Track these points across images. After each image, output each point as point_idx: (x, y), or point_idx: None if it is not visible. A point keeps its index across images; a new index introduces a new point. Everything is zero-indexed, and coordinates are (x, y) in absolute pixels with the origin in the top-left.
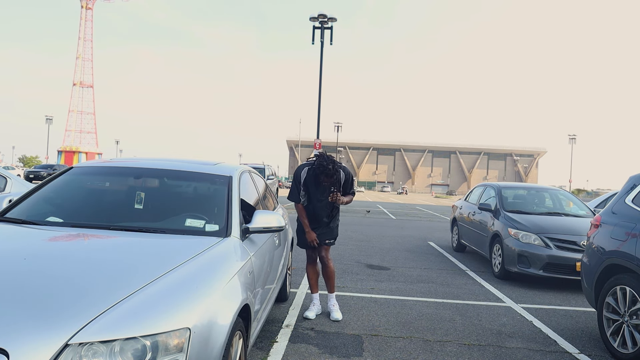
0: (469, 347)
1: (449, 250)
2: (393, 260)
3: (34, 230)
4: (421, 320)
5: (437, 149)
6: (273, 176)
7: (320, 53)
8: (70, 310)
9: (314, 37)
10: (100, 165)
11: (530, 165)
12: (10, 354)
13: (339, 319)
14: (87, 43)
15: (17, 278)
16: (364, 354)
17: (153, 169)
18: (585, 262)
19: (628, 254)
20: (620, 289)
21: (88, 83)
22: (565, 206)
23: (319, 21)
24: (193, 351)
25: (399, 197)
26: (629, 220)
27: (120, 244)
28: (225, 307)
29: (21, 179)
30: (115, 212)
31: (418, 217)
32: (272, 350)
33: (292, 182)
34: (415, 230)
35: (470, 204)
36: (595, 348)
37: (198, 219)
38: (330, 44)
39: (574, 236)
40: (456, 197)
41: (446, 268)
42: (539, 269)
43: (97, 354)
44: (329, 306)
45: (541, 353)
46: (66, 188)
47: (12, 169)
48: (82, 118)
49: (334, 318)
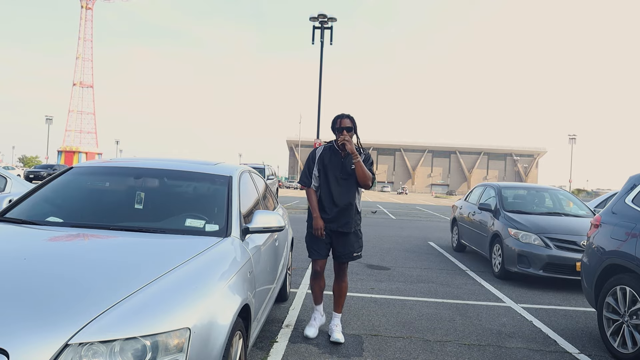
0: (469, 347)
1: (449, 250)
2: (393, 260)
3: (34, 230)
4: (421, 320)
5: (437, 149)
6: (273, 176)
7: (320, 53)
8: (70, 310)
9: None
10: (100, 165)
11: (530, 165)
12: (10, 354)
13: (340, 341)
14: (87, 43)
15: (17, 278)
16: (364, 354)
17: (153, 169)
18: (585, 262)
19: (628, 254)
20: (620, 289)
21: (88, 83)
22: (565, 206)
23: (319, 21)
24: (193, 351)
25: (399, 197)
26: (629, 220)
27: (120, 244)
28: (225, 307)
29: (21, 179)
30: (115, 212)
31: (418, 217)
32: (272, 350)
33: (305, 163)
34: (415, 230)
35: (470, 204)
36: (595, 348)
37: (198, 219)
38: (330, 43)
39: (574, 236)
40: (456, 197)
41: (446, 268)
42: (539, 269)
43: (97, 354)
44: (331, 325)
45: (541, 353)
46: (66, 188)
47: (12, 169)
48: (82, 118)
49: (335, 339)
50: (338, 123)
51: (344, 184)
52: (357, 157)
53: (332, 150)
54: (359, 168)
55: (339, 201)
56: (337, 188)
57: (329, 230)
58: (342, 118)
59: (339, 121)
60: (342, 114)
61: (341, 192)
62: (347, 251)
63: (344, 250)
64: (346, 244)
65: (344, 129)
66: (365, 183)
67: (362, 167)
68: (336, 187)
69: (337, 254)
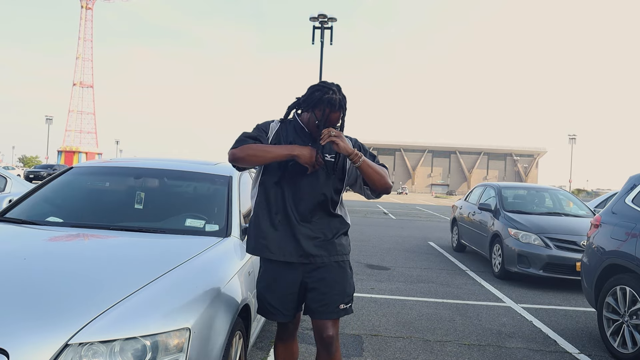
0: (469, 347)
1: (449, 250)
2: (393, 260)
3: (34, 230)
4: (421, 320)
5: (437, 149)
6: None
7: (320, 53)
8: (70, 310)
9: (314, 37)
10: (100, 165)
11: (530, 165)
12: (10, 354)
13: None
14: (87, 43)
15: (17, 278)
16: (364, 354)
17: (153, 169)
18: (585, 262)
19: (628, 254)
20: (620, 289)
21: (88, 83)
22: (565, 206)
23: (319, 21)
24: (193, 351)
25: (399, 197)
26: (629, 220)
27: (120, 244)
28: (226, 307)
29: (21, 179)
30: (115, 212)
31: (418, 217)
32: (272, 350)
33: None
34: (415, 230)
35: (470, 204)
36: (595, 348)
37: (198, 219)
38: (330, 44)
39: (574, 236)
40: (456, 197)
41: (446, 268)
42: (539, 269)
43: (97, 354)
44: None
45: (541, 353)
46: (66, 188)
47: (12, 169)
48: (82, 118)
49: None
50: (323, 112)
51: (319, 172)
52: (358, 154)
53: (300, 131)
54: (367, 168)
55: (309, 201)
56: (306, 179)
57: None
58: (332, 107)
59: (327, 111)
60: (329, 94)
61: (314, 185)
62: (329, 300)
63: (324, 299)
64: (328, 286)
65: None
66: (385, 185)
67: (370, 166)
68: (304, 177)
69: (313, 308)
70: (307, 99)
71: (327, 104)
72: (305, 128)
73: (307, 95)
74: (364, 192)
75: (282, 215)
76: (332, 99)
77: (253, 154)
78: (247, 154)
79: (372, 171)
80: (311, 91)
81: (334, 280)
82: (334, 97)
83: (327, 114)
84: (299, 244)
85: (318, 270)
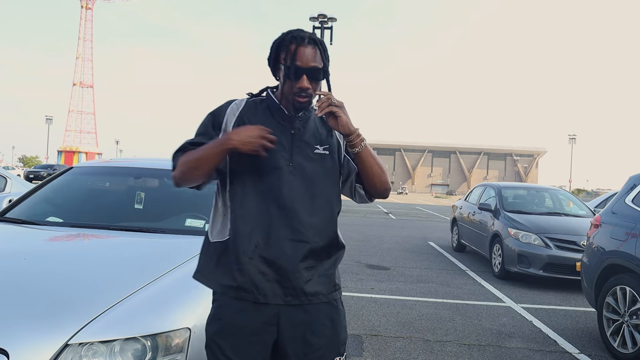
0: (469, 347)
1: (449, 250)
2: (393, 260)
3: (34, 230)
4: (421, 320)
5: (437, 149)
6: None
7: None
8: (70, 310)
9: None
10: (100, 165)
11: (530, 165)
12: (10, 354)
13: None
14: (87, 43)
15: (17, 278)
16: (364, 354)
17: (153, 169)
18: (585, 262)
19: (628, 254)
20: (620, 289)
21: (88, 83)
22: (565, 206)
23: (319, 21)
24: (193, 351)
25: (399, 197)
26: (629, 220)
27: (120, 244)
28: None
29: (21, 179)
30: (115, 212)
31: (418, 217)
32: None
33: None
34: (415, 230)
35: (470, 204)
36: (595, 348)
37: (198, 219)
38: (330, 44)
39: (574, 236)
40: (456, 197)
41: (446, 268)
42: (539, 269)
43: (97, 354)
44: None
45: (541, 353)
46: (66, 188)
47: (12, 169)
48: (82, 118)
49: None
50: (287, 52)
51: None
52: (360, 136)
53: (276, 112)
54: (369, 157)
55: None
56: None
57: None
58: (299, 41)
59: (292, 47)
60: (292, 33)
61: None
62: (317, 355)
63: (311, 353)
64: (316, 333)
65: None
66: (385, 185)
67: (372, 154)
68: (288, 177)
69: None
70: (270, 55)
71: (290, 40)
72: (285, 110)
73: (273, 55)
74: (356, 193)
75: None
76: (297, 34)
77: (187, 169)
78: (182, 172)
79: (373, 162)
80: (279, 44)
81: (322, 324)
82: (300, 33)
83: (292, 50)
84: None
85: (302, 310)
